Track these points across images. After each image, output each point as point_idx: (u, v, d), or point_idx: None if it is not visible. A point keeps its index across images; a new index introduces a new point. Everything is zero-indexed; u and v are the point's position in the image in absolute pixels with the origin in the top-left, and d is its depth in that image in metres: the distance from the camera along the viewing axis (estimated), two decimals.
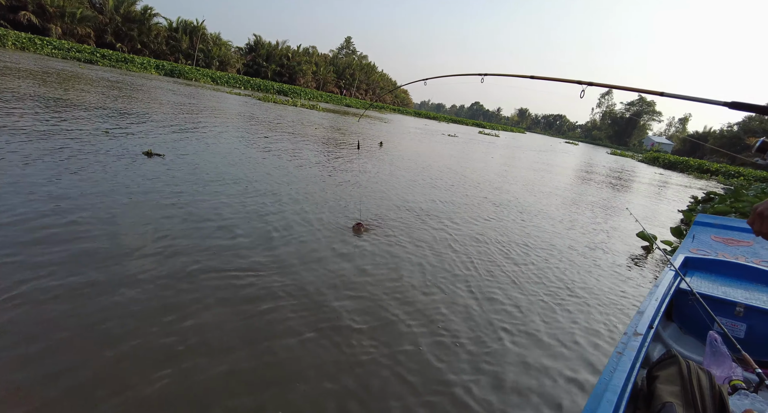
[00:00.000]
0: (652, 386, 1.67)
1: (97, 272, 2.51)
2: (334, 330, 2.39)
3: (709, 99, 1.67)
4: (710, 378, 1.68)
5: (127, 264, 2.70)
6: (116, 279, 2.50)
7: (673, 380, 1.64)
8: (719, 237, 3.73)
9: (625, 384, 1.44)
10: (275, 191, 5.04)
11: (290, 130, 12.33)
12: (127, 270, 2.63)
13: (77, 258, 2.60)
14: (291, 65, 67.74)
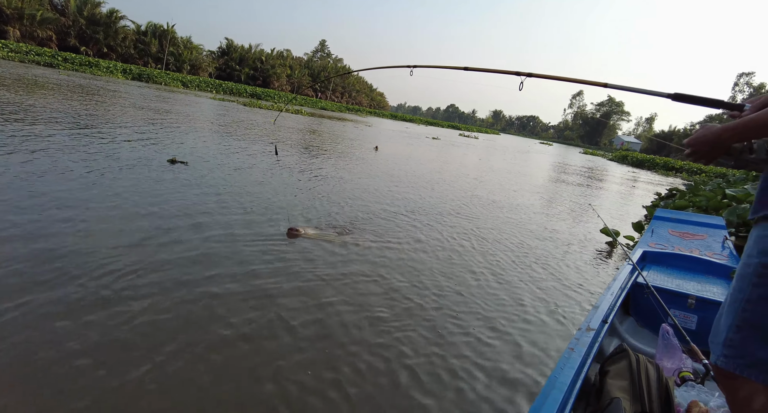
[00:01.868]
0: (603, 381, 1.68)
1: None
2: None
3: (653, 90, 1.67)
4: (658, 371, 1.70)
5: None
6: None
7: (622, 374, 1.65)
8: (676, 232, 3.83)
9: (573, 381, 1.43)
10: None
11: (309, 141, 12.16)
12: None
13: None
14: (265, 68, 67.02)
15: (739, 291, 1.05)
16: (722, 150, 1.10)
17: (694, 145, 1.14)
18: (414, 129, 39.25)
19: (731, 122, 1.08)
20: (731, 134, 1.06)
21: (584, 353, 1.60)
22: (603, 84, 1.88)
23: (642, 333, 2.55)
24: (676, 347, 2.05)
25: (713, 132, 1.09)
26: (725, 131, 1.07)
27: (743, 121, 1.05)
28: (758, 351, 1.00)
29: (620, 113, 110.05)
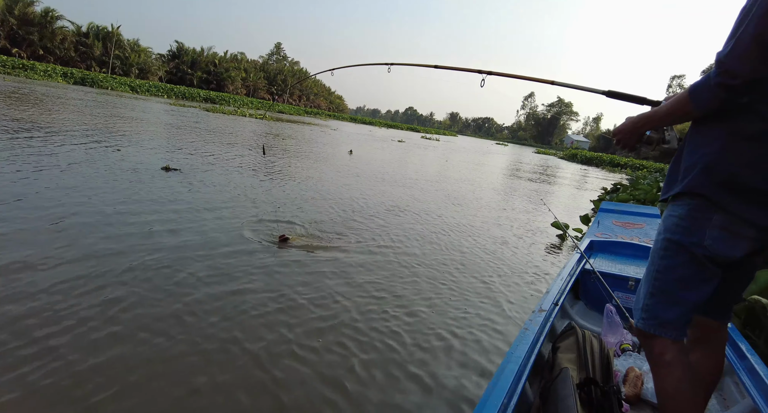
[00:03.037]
0: (554, 356, 1.85)
1: None
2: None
3: (591, 88, 1.88)
4: (601, 343, 1.90)
5: None
6: None
7: (570, 348, 1.83)
8: (619, 222, 4.16)
9: (527, 356, 1.58)
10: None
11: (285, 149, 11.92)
12: None
13: None
14: (218, 72, 65.28)
15: (651, 264, 1.24)
16: (638, 136, 1.31)
17: (617, 134, 1.35)
18: (377, 132, 39.82)
19: (644, 112, 1.29)
20: (644, 122, 1.27)
21: (536, 331, 1.76)
22: (551, 81, 2.09)
23: (590, 314, 2.78)
24: (618, 324, 2.28)
25: (631, 121, 1.31)
26: (639, 119, 1.28)
27: (651, 111, 1.26)
28: (666, 313, 1.18)
29: (569, 113, 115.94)
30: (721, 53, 1.05)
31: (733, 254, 1.14)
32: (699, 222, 1.15)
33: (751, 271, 1.28)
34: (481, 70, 2.33)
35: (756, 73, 1.01)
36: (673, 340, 1.18)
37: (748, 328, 2.20)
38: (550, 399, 1.53)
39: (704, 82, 1.09)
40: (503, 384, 1.35)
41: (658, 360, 1.21)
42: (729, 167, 1.09)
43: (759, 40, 0.97)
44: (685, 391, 1.16)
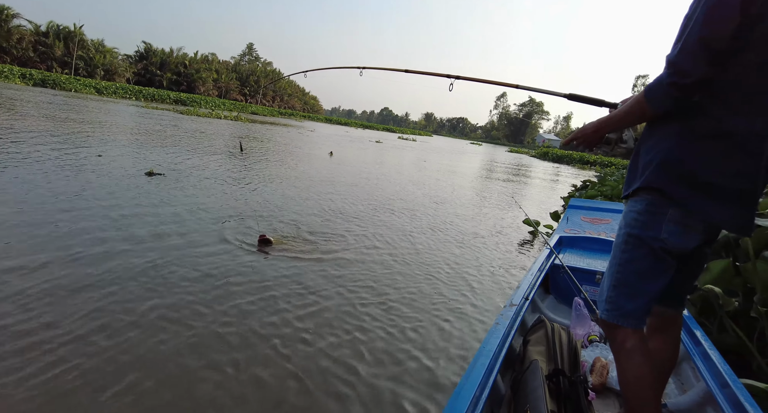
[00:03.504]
0: (525, 349, 1.91)
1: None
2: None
3: (553, 91, 1.96)
4: (569, 335, 1.98)
5: None
6: None
7: (540, 341, 1.90)
8: (587, 218, 4.31)
9: (498, 349, 1.63)
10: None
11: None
12: None
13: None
14: (189, 73, 63.78)
15: (614, 257, 1.31)
16: (598, 138, 1.39)
17: (577, 138, 1.43)
18: (354, 133, 39.96)
19: (603, 117, 1.36)
20: (604, 126, 1.35)
21: (507, 325, 1.82)
22: (515, 85, 2.17)
23: (560, 307, 2.88)
24: (586, 316, 2.37)
25: (592, 125, 1.38)
26: (599, 123, 1.36)
27: (610, 115, 1.34)
28: (628, 304, 1.25)
29: (540, 113, 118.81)
30: (671, 55, 1.11)
31: (686, 246, 1.22)
32: (656, 217, 1.21)
33: (701, 262, 1.36)
34: (450, 75, 2.41)
35: (704, 74, 1.07)
36: (633, 329, 1.25)
37: (703, 316, 2.33)
38: (520, 390, 1.59)
39: (657, 83, 1.15)
40: (475, 377, 1.39)
41: (620, 349, 1.27)
42: (682, 163, 1.16)
43: (703, 43, 1.04)
44: (644, 376, 1.23)
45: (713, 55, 1.05)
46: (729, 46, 1.04)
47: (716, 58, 1.05)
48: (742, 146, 1.10)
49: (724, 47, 1.04)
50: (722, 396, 1.45)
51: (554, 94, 1.97)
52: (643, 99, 1.20)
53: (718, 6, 1.02)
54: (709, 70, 1.07)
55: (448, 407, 1.25)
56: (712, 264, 2.22)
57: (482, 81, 2.38)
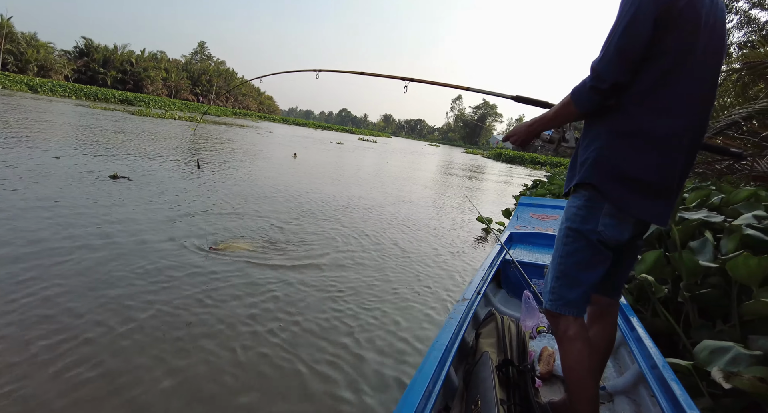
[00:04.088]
0: (477, 341, 1.97)
1: None
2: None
3: (501, 93, 2.06)
4: (518, 327, 2.06)
5: None
6: None
7: (491, 333, 1.96)
8: (536, 215, 4.50)
9: (451, 343, 1.67)
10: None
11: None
12: None
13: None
14: (136, 71, 60.58)
15: (556, 250, 1.38)
16: (532, 136, 1.47)
17: (512, 136, 1.51)
18: (314, 134, 39.76)
19: (536, 116, 1.45)
20: (537, 125, 1.43)
21: (460, 319, 1.87)
22: (465, 87, 2.25)
23: (511, 301, 2.99)
24: (535, 308, 2.48)
25: (525, 124, 1.47)
26: (533, 122, 1.45)
27: (541, 115, 1.43)
28: (569, 294, 1.32)
29: (494, 115, 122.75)
30: (595, 61, 1.23)
31: (620, 238, 1.31)
32: (593, 211, 1.30)
33: (634, 253, 1.46)
34: (404, 77, 2.46)
35: (619, 79, 1.19)
36: (575, 317, 1.32)
37: (639, 303, 2.51)
38: (472, 381, 1.63)
39: (582, 86, 1.26)
40: (427, 371, 1.42)
41: (563, 336, 1.34)
42: (611, 160, 1.26)
43: (620, 52, 1.17)
44: (584, 360, 1.30)
45: (628, 63, 1.18)
46: (642, 56, 1.18)
47: (631, 65, 1.18)
48: (658, 144, 1.21)
49: (638, 57, 1.17)
50: (652, 376, 1.57)
51: (502, 96, 2.06)
52: (570, 100, 1.30)
53: (635, 20, 1.15)
54: (624, 76, 1.19)
55: (401, 401, 1.27)
56: (646, 255, 2.38)
57: (435, 83, 2.45)
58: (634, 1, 1.17)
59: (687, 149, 1.26)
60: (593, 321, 1.53)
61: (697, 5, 1.17)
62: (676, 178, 1.25)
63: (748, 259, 1.75)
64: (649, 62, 1.19)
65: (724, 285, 2.10)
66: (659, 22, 1.15)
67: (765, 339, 1.59)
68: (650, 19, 1.14)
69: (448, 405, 1.67)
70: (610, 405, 1.76)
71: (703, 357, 1.54)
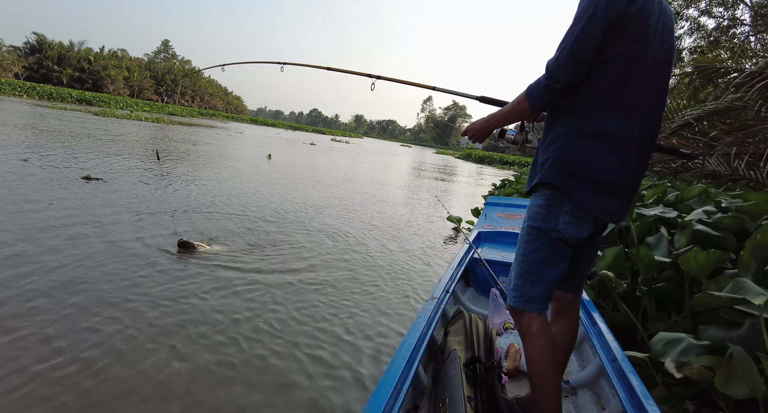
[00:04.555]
0: (445, 339, 1.99)
1: None
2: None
3: (466, 93, 2.08)
4: (486, 324, 2.09)
5: None
6: None
7: (459, 331, 1.98)
8: (504, 214, 4.59)
9: (419, 341, 1.68)
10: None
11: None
12: None
13: None
14: (95, 70, 57.93)
15: (519, 248, 1.41)
16: (487, 131, 1.52)
17: (469, 131, 1.54)
18: (285, 134, 39.53)
19: (493, 112, 1.49)
20: (493, 120, 1.48)
21: (428, 318, 1.88)
22: (432, 87, 2.26)
23: (479, 299, 3.03)
24: (502, 306, 2.53)
25: (483, 120, 1.51)
26: (489, 118, 1.49)
27: (497, 111, 1.47)
28: (531, 290, 1.35)
29: (463, 116, 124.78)
30: (550, 61, 1.27)
31: (580, 235, 1.35)
32: (553, 210, 1.33)
33: (595, 249, 1.50)
34: (371, 74, 2.44)
35: (573, 80, 1.23)
36: (538, 314, 1.35)
37: (600, 298, 2.60)
38: (440, 380, 1.64)
39: (536, 85, 1.29)
40: (395, 371, 1.42)
41: (526, 332, 1.37)
42: (570, 160, 1.29)
43: (574, 54, 1.21)
44: (547, 356, 1.33)
45: (582, 64, 1.22)
46: (595, 58, 1.22)
47: (584, 67, 1.22)
48: (614, 145, 1.26)
49: (591, 59, 1.22)
50: (612, 369, 1.63)
51: (467, 97, 2.08)
52: (524, 97, 1.33)
53: (589, 24, 1.20)
54: (577, 77, 1.23)
55: (369, 402, 1.26)
56: (607, 252, 2.47)
57: (402, 82, 2.44)
58: (590, 6, 1.21)
59: (640, 149, 1.31)
60: (556, 317, 1.57)
61: (648, 12, 1.23)
62: (630, 178, 1.30)
63: (698, 254, 1.85)
64: (606, 65, 1.23)
65: (678, 278, 2.20)
66: (613, 26, 1.20)
67: (713, 329, 1.68)
68: (604, 23, 1.19)
69: (417, 404, 1.67)
70: (574, 398, 1.82)
71: (658, 349, 1.61)
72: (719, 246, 2.22)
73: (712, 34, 17.96)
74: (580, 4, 1.26)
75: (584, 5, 1.23)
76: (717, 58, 10.25)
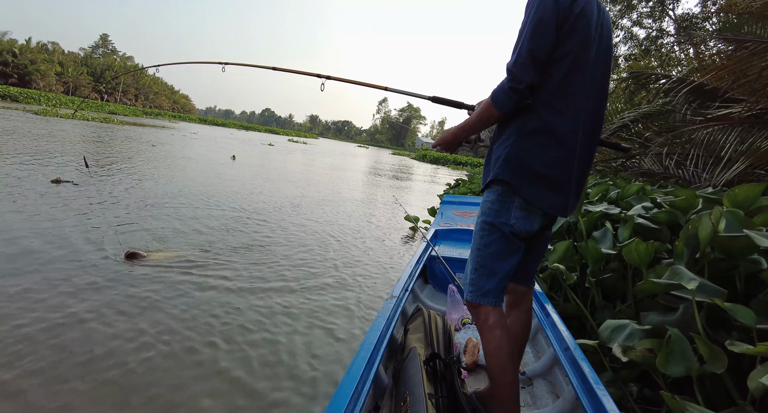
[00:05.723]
0: (405, 337, 1.99)
1: None
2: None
3: (418, 94, 2.10)
4: (444, 321, 2.11)
5: None
6: None
7: (418, 329, 1.99)
8: (459, 212, 4.69)
9: (379, 341, 1.66)
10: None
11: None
12: None
13: None
14: (21, 63, 53.27)
15: (474, 243, 1.43)
16: (458, 143, 1.53)
17: (440, 144, 1.56)
18: (239, 134, 38.91)
19: (460, 123, 1.49)
20: (462, 132, 1.49)
21: (388, 317, 1.87)
22: (384, 87, 2.25)
23: (438, 295, 3.07)
24: (460, 301, 2.57)
25: (451, 131, 1.52)
26: (458, 130, 1.49)
27: (465, 122, 1.47)
28: (487, 284, 1.38)
29: (418, 117, 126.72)
30: (509, 63, 1.30)
31: (531, 229, 1.39)
32: (505, 205, 1.36)
33: (545, 242, 1.56)
34: (320, 74, 2.41)
35: (533, 80, 1.26)
36: (493, 306, 1.38)
37: (552, 290, 2.71)
38: (401, 378, 1.64)
39: (500, 89, 1.31)
40: (355, 372, 1.39)
41: (483, 325, 1.39)
42: (519, 157, 1.33)
43: (530, 55, 1.24)
44: (504, 347, 1.36)
45: (539, 64, 1.26)
46: (549, 57, 1.26)
47: (541, 67, 1.26)
48: (559, 141, 1.31)
49: (546, 58, 1.26)
50: (564, 357, 1.69)
51: (419, 97, 2.10)
52: (490, 103, 1.35)
53: (539, 24, 1.24)
54: (537, 77, 1.27)
55: (330, 404, 1.23)
56: (557, 245, 2.58)
57: (352, 82, 2.42)
58: (538, 7, 1.25)
59: (584, 145, 1.37)
60: (510, 309, 1.61)
61: (590, 12, 1.29)
62: (575, 173, 1.36)
63: (639, 245, 1.97)
64: (552, 65, 1.28)
65: (622, 269, 2.34)
66: (560, 26, 1.25)
67: (653, 314, 1.79)
68: (553, 22, 1.23)
69: (378, 404, 1.65)
70: (530, 388, 1.87)
71: (606, 336, 1.69)
72: (656, 238, 2.38)
73: (643, 43, 19.43)
74: (528, 6, 1.30)
75: (533, 7, 1.27)
76: (648, 65, 11.09)
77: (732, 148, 3.93)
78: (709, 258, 1.80)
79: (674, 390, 1.61)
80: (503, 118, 1.41)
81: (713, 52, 5.89)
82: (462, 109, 1.83)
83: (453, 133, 1.51)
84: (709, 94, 4.97)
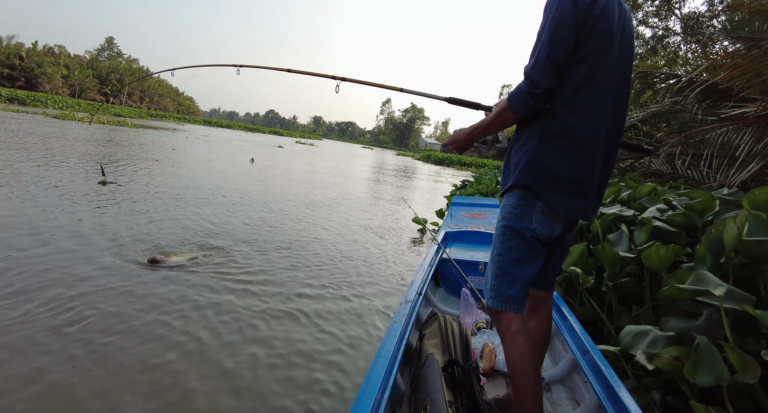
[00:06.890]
0: (421, 343, 1.96)
1: None
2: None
3: (434, 94, 2.08)
4: (460, 325, 2.08)
5: None
6: None
7: (434, 334, 1.96)
8: (468, 213, 4.65)
9: (396, 348, 1.64)
10: None
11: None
12: None
13: None
14: (28, 67, 53.76)
15: (494, 248, 1.41)
16: (470, 143, 1.50)
17: (452, 143, 1.53)
18: (246, 136, 39.66)
19: (474, 123, 1.46)
20: (475, 133, 1.46)
21: (404, 322, 1.84)
22: (399, 89, 2.23)
23: (450, 299, 3.04)
24: (473, 305, 2.53)
25: (464, 132, 1.49)
26: (472, 130, 1.46)
27: (479, 122, 1.45)
28: (508, 290, 1.35)
29: (422, 118, 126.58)
30: (527, 67, 1.28)
31: (552, 234, 1.36)
32: (526, 210, 1.34)
33: (566, 246, 1.53)
34: (335, 76, 2.39)
35: (552, 83, 1.24)
36: (516, 313, 1.35)
37: (568, 294, 2.67)
38: (419, 385, 1.61)
39: (517, 92, 1.29)
40: (375, 381, 1.37)
41: (506, 332, 1.36)
42: (541, 161, 1.30)
43: (549, 59, 1.22)
44: (527, 354, 1.33)
45: (558, 68, 1.24)
46: (568, 60, 1.24)
47: (560, 70, 1.24)
48: (581, 145, 1.28)
49: (565, 61, 1.24)
50: (584, 362, 1.66)
51: (435, 98, 2.08)
52: (507, 106, 1.33)
53: (558, 28, 1.22)
54: (555, 81, 1.25)
55: (351, 412, 1.21)
56: (572, 249, 2.54)
57: (367, 83, 2.41)
58: (557, 10, 1.23)
59: (606, 148, 1.34)
60: (531, 314, 1.58)
61: (611, 13, 1.26)
62: (597, 176, 1.33)
63: (659, 249, 1.93)
64: (573, 67, 1.26)
65: (639, 272, 2.30)
66: (579, 28, 1.22)
67: (674, 320, 1.75)
68: (572, 25, 1.21)
69: (396, 412, 1.63)
70: (549, 394, 1.84)
71: (627, 342, 1.66)
72: (674, 241, 2.33)
73: (650, 42, 19.29)
74: (546, 10, 1.28)
75: (551, 10, 1.25)
76: (655, 64, 11.00)
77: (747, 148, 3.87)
78: (733, 263, 1.76)
79: (700, 399, 1.57)
80: (519, 122, 1.39)
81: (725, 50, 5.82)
82: (479, 109, 1.81)
83: (467, 133, 1.49)
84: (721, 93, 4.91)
